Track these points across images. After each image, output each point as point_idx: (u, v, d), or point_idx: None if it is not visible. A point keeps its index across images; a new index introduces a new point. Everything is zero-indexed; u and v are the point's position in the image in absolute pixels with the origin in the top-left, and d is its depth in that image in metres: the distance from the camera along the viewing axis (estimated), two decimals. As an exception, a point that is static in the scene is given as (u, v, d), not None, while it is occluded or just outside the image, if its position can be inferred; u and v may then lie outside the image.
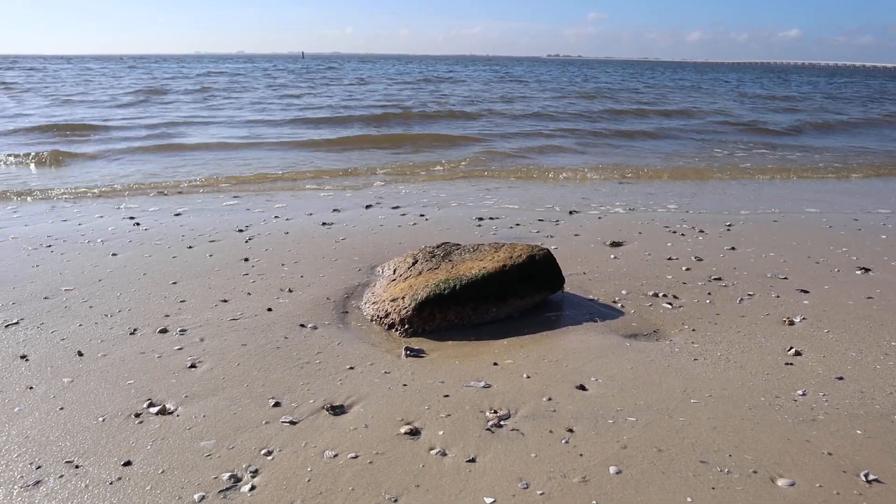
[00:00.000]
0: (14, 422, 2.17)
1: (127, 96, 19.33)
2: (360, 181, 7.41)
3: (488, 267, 3.14)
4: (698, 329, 3.02)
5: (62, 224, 5.06)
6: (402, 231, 4.89)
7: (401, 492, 1.82)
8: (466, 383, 2.47)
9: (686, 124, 14.23)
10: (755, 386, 2.44)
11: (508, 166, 8.65)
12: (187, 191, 6.72)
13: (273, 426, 2.16)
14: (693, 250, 4.35)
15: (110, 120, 13.16)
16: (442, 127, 12.97)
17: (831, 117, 16.38)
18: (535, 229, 4.97)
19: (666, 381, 2.48)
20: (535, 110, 16.31)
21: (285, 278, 3.71)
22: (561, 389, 2.41)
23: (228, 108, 16.50)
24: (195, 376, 2.51)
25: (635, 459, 1.96)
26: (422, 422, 2.18)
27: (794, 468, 1.92)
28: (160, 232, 4.79)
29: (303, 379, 2.50)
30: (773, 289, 3.58)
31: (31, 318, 3.07)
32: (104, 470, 1.91)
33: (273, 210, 5.65)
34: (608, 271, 3.88)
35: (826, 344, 2.85)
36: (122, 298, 3.36)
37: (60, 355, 2.69)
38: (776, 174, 8.40)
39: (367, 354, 2.74)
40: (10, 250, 4.26)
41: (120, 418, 2.20)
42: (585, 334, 2.95)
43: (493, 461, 1.96)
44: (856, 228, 5.08)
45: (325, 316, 3.15)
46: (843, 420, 2.19)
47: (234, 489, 1.83)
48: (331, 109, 16.07)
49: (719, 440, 2.06)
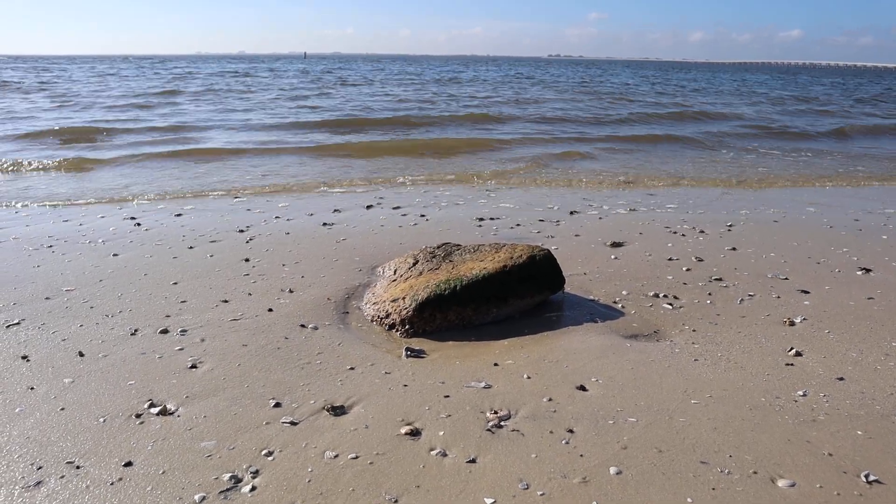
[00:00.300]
0: (15, 422, 2.17)
1: (156, 97, 18.90)
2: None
3: (489, 267, 3.14)
4: (699, 329, 3.02)
5: (63, 224, 5.06)
6: (403, 231, 4.90)
7: (401, 492, 1.82)
8: (467, 384, 2.47)
9: (726, 128, 13.72)
10: (756, 386, 2.44)
11: (555, 172, 8.29)
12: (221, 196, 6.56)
13: (274, 427, 2.16)
14: (694, 250, 4.35)
15: (141, 121, 13.00)
16: (478, 131, 12.46)
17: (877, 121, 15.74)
18: (536, 229, 4.97)
19: (666, 381, 2.48)
20: (557, 114, 15.84)
21: (286, 279, 3.71)
22: (561, 390, 2.41)
23: (257, 109, 16.09)
24: (196, 377, 2.51)
25: (636, 460, 1.96)
26: (422, 422, 2.18)
27: (794, 469, 1.92)
28: (161, 232, 4.80)
29: (303, 379, 2.50)
30: (773, 289, 3.58)
31: (33, 319, 3.08)
32: (105, 470, 1.91)
33: (274, 210, 5.65)
34: (609, 272, 3.88)
35: (827, 344, 2.85)
36: (123, 299, 3.36)
37: (61, 356, 2.69)
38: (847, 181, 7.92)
39: (368, 355, 2.74)
40: (12, 251, 4.26)
41: (121, 419, 2.20)
42: (586, 335, 2.95)
43: (493, 462, 1.96)
44: (856, 229, 5.08)
45: (326, 316, 3.16)
46: (844, 421, 2.19)
47: (234, 490, 1.83)
48: (365, 111, 15.64)
49: (720, 441, 2.06)
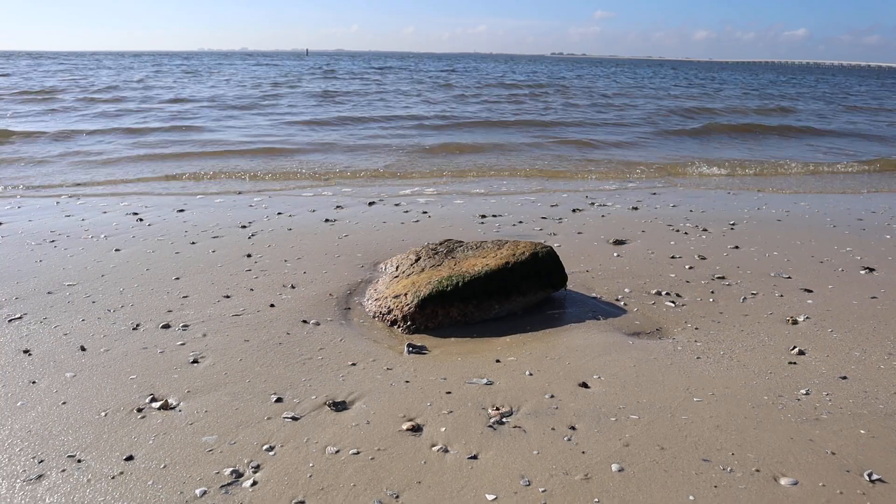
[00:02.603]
0: (17, 416, 2.17)
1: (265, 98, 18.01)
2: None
3: (491, 264, 3.13)
4: (701, 328, 3.01)
5: (66, 219, 5.06)
6: (405, 228, 4.89)
7: (402, 488, 1.82)
8: (469, 380, 2.46)
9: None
10: (758, 385, 2.43)
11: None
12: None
13: (275, 422, 2.15)
14: (696, 249, 4.34)
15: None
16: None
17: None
18: (539, 227, 4.96)
19: (669, 379, 2.47)
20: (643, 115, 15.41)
21: (288, 274, 3.70)
22: (563, 387, 2.41)
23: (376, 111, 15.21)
24: (197, 371, 2.51)
25: (638, 457, 1.96)
26: (424, 418, 2.18)
27: (796, 467, 1.91)
28: (163, 228, 4.79)
29: (305, 375, 2.50)
30: (776, 288, 3.57)
31: (35, 313, 3.08)
32: (106, 464, 1.91)
33: (276, 206, 5.65)
34: (611, 269, 3.87)
35: (830, 343, 2.84)
36: (124, 294, 3.36)
37: (63, 350, 2.69)
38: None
39: (370, 351, 2.74)
40: (15, 245, 4.26)
41: (122, 413, 2.20)
42: (588, 332, 2.94)
43: (495, 458, 1.95)
44: (860, 228, 5.06)
45: (328, 312, 3.15)
46: (847, 420, 2.19)
47: (235, 484, 1.83)
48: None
49: (722, 439, 2.05)
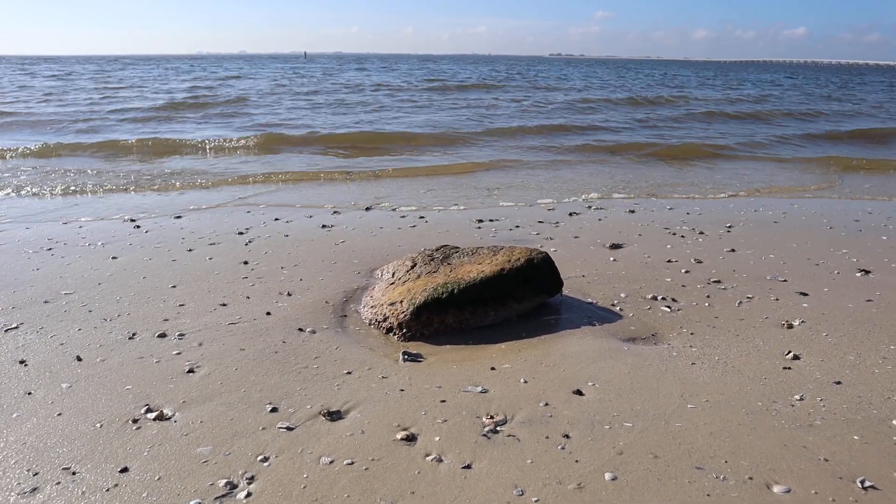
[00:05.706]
0: (12, 428, 2.18)
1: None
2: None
3: (486, 271, 3.14)
4: (697, 332, 3.02)
5: (62, 227, 5.07)
6: (402, 234, 4.90)
7: (396, 498, 1.82)
8: (463, 388, 2.47)
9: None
10: (753, 391, 2.44)
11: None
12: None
13: (270, 432, 2.16)
14: (693, 252, 4.35)
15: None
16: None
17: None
18: (535, 231, 4.96)
19: (663, 385, 2.48)
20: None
21: (284, 281, 3.71)
22: (558, 394, 2.41)
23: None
24: (193, 381, 2.52)
25: (631, 465, 1.96)
26: (418, 427, 2.18)
27: (789, 474, 1.91)
28: (160, 235, 4.80)
29: (300, 384, 2.50)
30: (772, 291, 3.57)
31: (31, 323, 3.08)
32: (101, 476, 1.92)
33: (273, 212, 5.65)
34: (607, 274, 3.88)
35: (824, 348, 2.84)
36: (121, 302, 3.37)
37: (59, 360, 2.69)
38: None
39: (365, 359, 2.74)
40: (11, 253, 4.27)
41: (117, 424, 2.21)
42: (583, 338, 2.94)
43: (488, 467, 1.96)
44: (857, 230, 5.06)
45: (324, 320, 3.16)
46: (841, 425, 2.19)
47: (230, 496, 1.83)
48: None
49: (715, 446, 2.06)
